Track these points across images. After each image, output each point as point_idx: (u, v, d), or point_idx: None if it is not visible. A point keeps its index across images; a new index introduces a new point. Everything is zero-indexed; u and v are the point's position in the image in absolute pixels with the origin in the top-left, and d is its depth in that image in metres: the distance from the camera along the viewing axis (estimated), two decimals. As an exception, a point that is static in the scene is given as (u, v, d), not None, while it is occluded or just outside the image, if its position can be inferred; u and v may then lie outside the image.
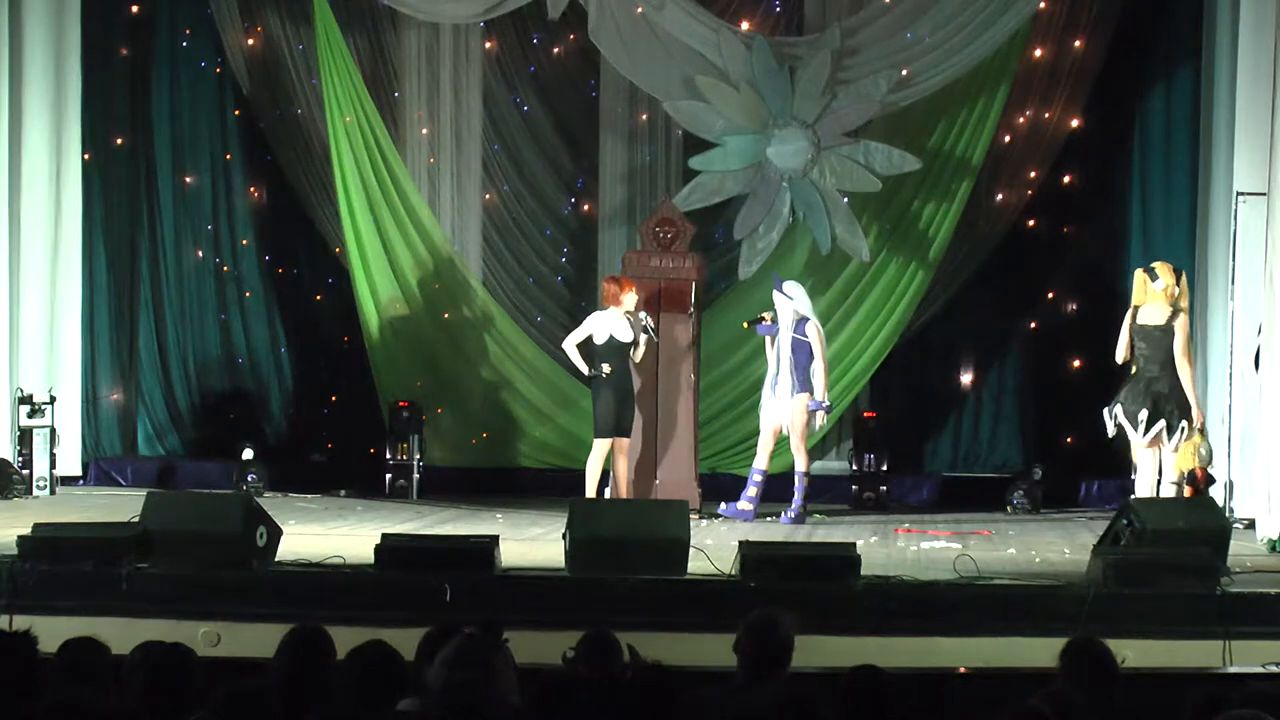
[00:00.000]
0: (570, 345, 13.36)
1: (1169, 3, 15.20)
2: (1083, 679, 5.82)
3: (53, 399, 14.72)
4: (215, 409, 16.41)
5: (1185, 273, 12.26)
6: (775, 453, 13.60)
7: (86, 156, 15.54)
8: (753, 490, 13.41)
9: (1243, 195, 12.78)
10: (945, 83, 14.62)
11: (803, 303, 13.36)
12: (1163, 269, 11.80)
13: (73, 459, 15.30)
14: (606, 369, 13.12)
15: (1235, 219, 12.86)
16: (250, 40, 15.96)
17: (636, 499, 13.05)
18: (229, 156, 16.41)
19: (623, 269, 13.90)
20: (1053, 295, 15.66)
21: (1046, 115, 15.14)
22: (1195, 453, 12.60)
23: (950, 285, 15.40)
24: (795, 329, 13.25)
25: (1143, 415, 11.54)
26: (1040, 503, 14.39)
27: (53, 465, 14.65)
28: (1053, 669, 5.99)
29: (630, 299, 13.24)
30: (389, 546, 10.15)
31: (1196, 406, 11.73)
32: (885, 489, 14.73)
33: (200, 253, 16.43)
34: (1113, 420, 11.73)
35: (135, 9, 16.20)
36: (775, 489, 13.53)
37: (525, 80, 15.83)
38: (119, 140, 16.14)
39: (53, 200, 15.12)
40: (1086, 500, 14.90)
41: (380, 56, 15.83)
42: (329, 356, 16.31)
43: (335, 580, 9.95)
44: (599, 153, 15.77)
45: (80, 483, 15.42)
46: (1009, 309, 15.71)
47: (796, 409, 13.24)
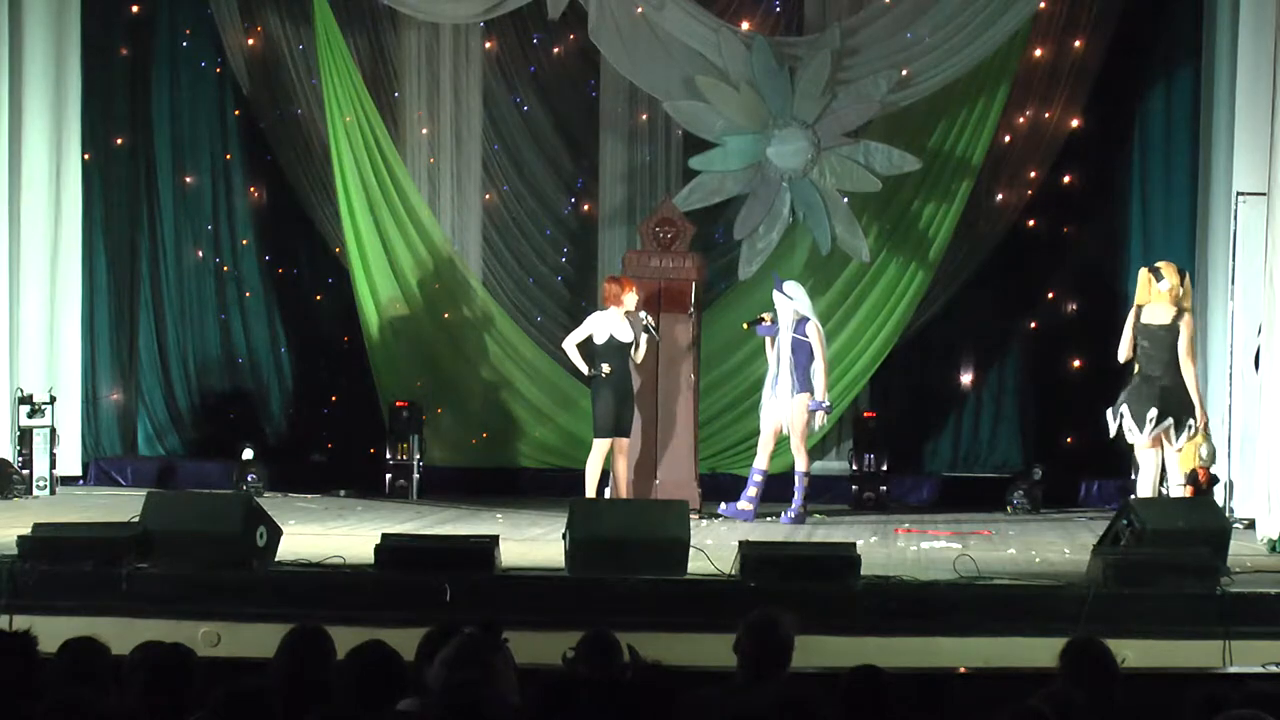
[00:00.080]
0: (570, 345, 13.36)
1: (1169, 3, 15.20)
2: (1083, 679, 5.82)
3: (53, 399, 14.72)
4: (215, 409, 16.41)
5: (1188, 273, 12.27)
6: (775, 453, 13.59)
7: (86, 156, 15.53)
8: (753, 490, 13.40)
9: (1243, 195, 12.78)
10: (945, 83, 14.62)
11: (803, 303, 13.36)
12: (1168, 269, 11.77)
13: (73, 459, 15.30)
14: (606, 369, 13.11)
15: (1235, 219, 12.86)
16: (250, 40, 15.95)
17: (636, 499, 13.05)
18: (229, 156, 16.41)
19: (623, 269, 13.89)
20: (1053, 295, 15.66)
21: (1046, 115, 15.14)
22: (1196, 453, 12.60)
23: (950, 285, 15.40)
24: (795, 329, 13.25)
25: (1151, 414, 11.51)
26: (1040, 503, 14.39)
27: (53, 465, 14.65)
28: (1053, 669, 6.00)
29: (631, 299, 13.23)
30: (389, 546, 10.14)
31: (1201, 406, 11.73)
32: (885, 489, 14.72)
33: (200, 253, 16.43)
34: (1117, 420, 11.71)
35: (135, 9, 16.20)
36: (775, 489, 13.53)
37: (525, 80, 15.83)
38: (119, 140, 16.14)
39: (53, 200, 15.12)
40: (1086, 500, 14.90)
41: (380, 56, 15.83)
42: (329, 356, 16.31)
43: (335, 580, 9.95)
44: (599, 153, 15.77)
45: (80, 483, 15.42)
46: (1009, 309, 15.71)
47: (797, 409, 13.23)
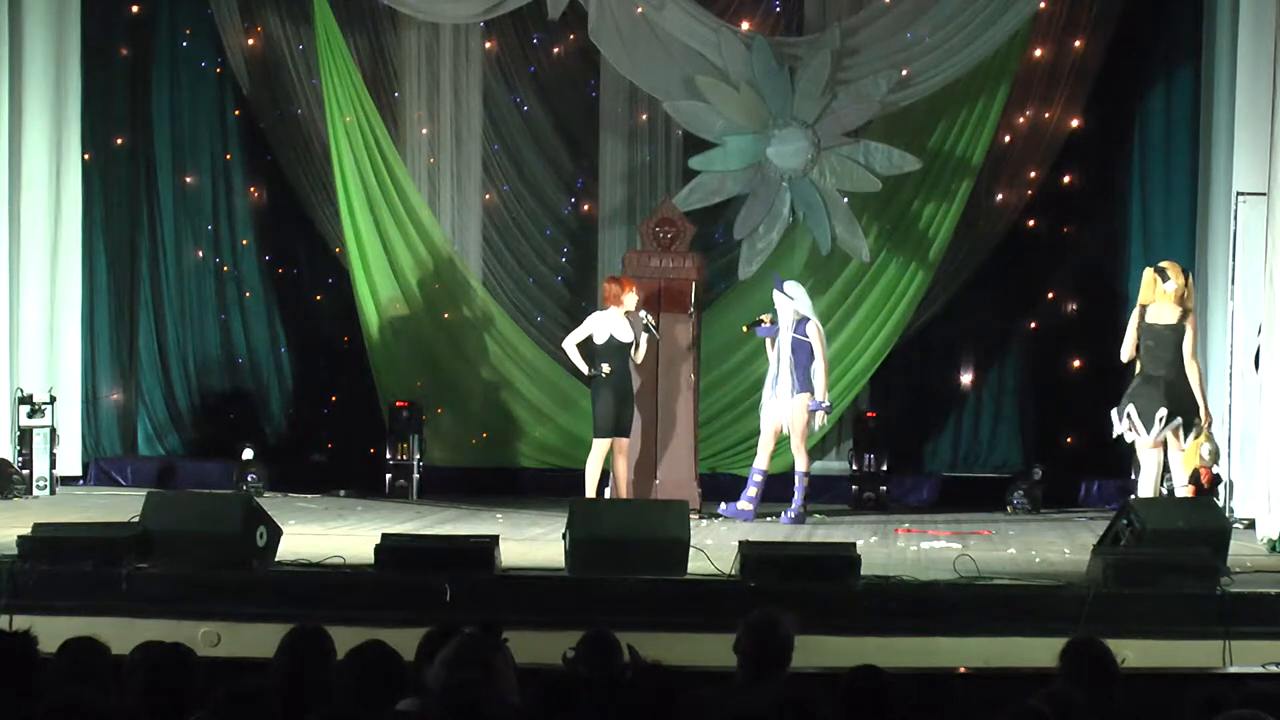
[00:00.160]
0: (570, 345, 13.36)
1: (1169, 3, 15.20)
2: (1083, 679, 5.82)
3: (53, 399, 14.72)
4: (215, 409, 16.41)
5: (1190, 273, 12.27)
6: (775, 453, 13.59)
7: (86, 156, 15.53)
8: (753, 490, 13.40)
9: (1243, 195, 12.78)
10: (945, 83, 14.62)
11: (803, 303, 13.35)
12: (1173, 269, 11.76)
13: (73, 459, 15.30)
14: (606, 369, 13.11)
15: (1235, 219, 12.86)
16: (250, 40, 15.95)
17: (636, 499, 13.04)
18: (229, 156, 16.41)
19: (623, 269, 13.89)
20: (1053, 295, 15.66)
21: (1046, 115, 15.14)
22: (1198, 452, 12.60)
23: (950, 285, 15.40)
24: (795, 329, 13.25)
25: (1161, 413, 11.49)
26: (1040, 503, 14.39)
27: (53, 465, 14.65)
28: (1053, 669, 6.00)
29: (631, 299, 13.23)
30: (389, 546, 10.14)
31: (1205, 405, 11.73)
32: (885, 489, 14.72)
33: (200, 253, 16.43)
34: (1123, 420, 11.68)
35: (135, 9, 16.20)
36: (775, 489, 13.52)
37: (525, 80, 15.83)
38: (119, 140, 16.14)
39: (53, 200, 15.12)
40: (1086, 500, 14.90)
41: (380, 56, 15.83)
42: (329, 356, 16.31)
43: (335, 580, 9.95)
44: (599, 153, 15.77)
45: (80, 483, 15.42)
46: (1009, 309, 15.71)
47: (797, 409, 13.23)
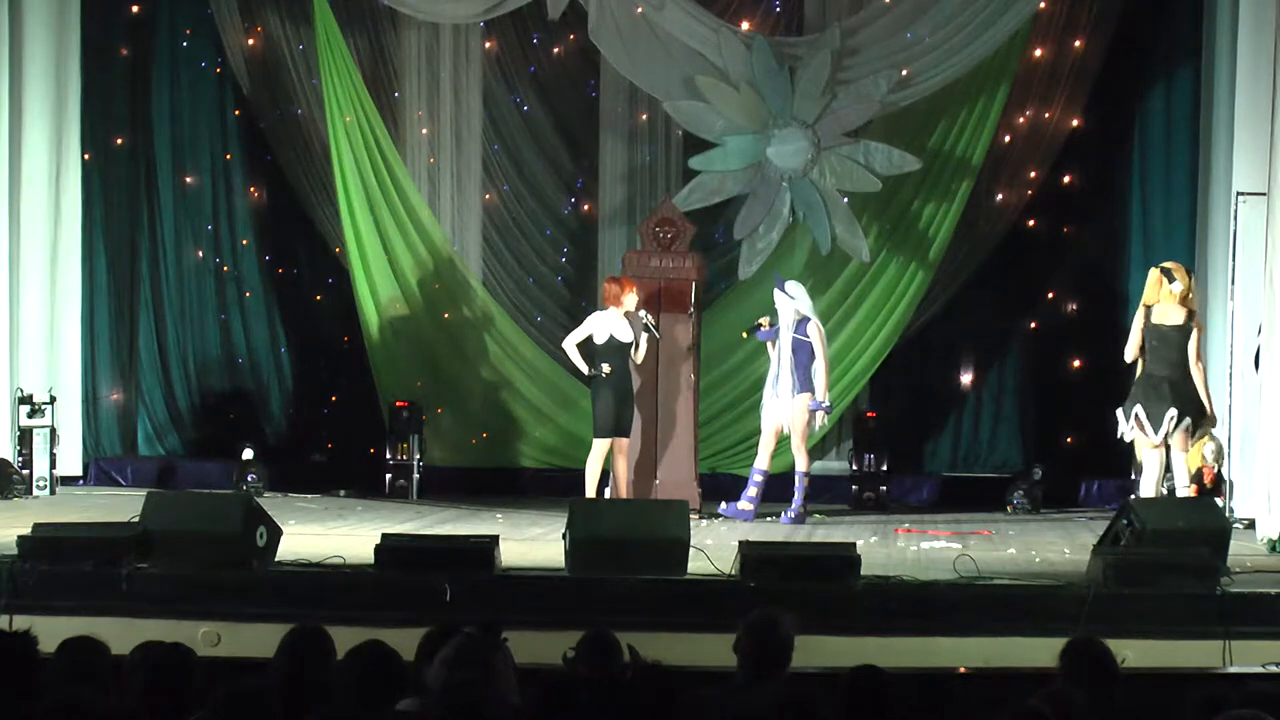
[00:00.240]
0: (570, 345, 13.35)
1: (1169, 3, 15.20)
2: (1083, 679, 5.82)
3: (53, 399, 14.72)
4: (215, 409, 16.41)
5: (1193, 274, 12.27)
6: (775, 453, 13.59)
7: (86, 156, 15.53)
8: (753, 490, 13.40)
9: (1243, 195, 12.77)
10: (945, 83, 14.61)
11: (804, 302, 13.35)
12: (1179, 271, 11.76)
13: (73, 459, 15.30)
14: (606, 369, 13.11)
15: (1235, 219, 12.85)
16: (250, 40, 15.95)
17: (636, 499, 13.04)
18: (229, 156, 16.41)
19: (623, 269, 13.89)
20: (1053, 295, 15.66)
21: (1046, 115, 15.14)
22: (1201, 452, 12.60)
23: (950, 285, 15.40)
24: (796, 329, 13.25)
25: (1171, 414, 11.49)
26: (1040, 503, 14.38)
27: (53, 465, 14.64)
28: (1053, 669, 6.00)
29: (631, 299, 13.23)
30: (389, 546, 10.14)
31: (1211, 405, 11.74)
32: (885, 489, 14.72)
33: (200, 253, 16.43)
34: (1132, 420, 11.65)
35: (135, 9, 16.19)
36: (775, 489, 13.52)
37: (525, 80, 15.83)
38: (119, 140, 16.14)
39: (53, 200, 15.12)
40: (1086, 500, 14.90)
41: (380, 56, 15.83)
42: (329, 356, 16.31)
43: (335, 580, 9.94)
44: (599, 153, 15.77)
45: (80, 483, 15.42)
46: (1009, 309, 15.71)
47: (798, 409, 13.23)
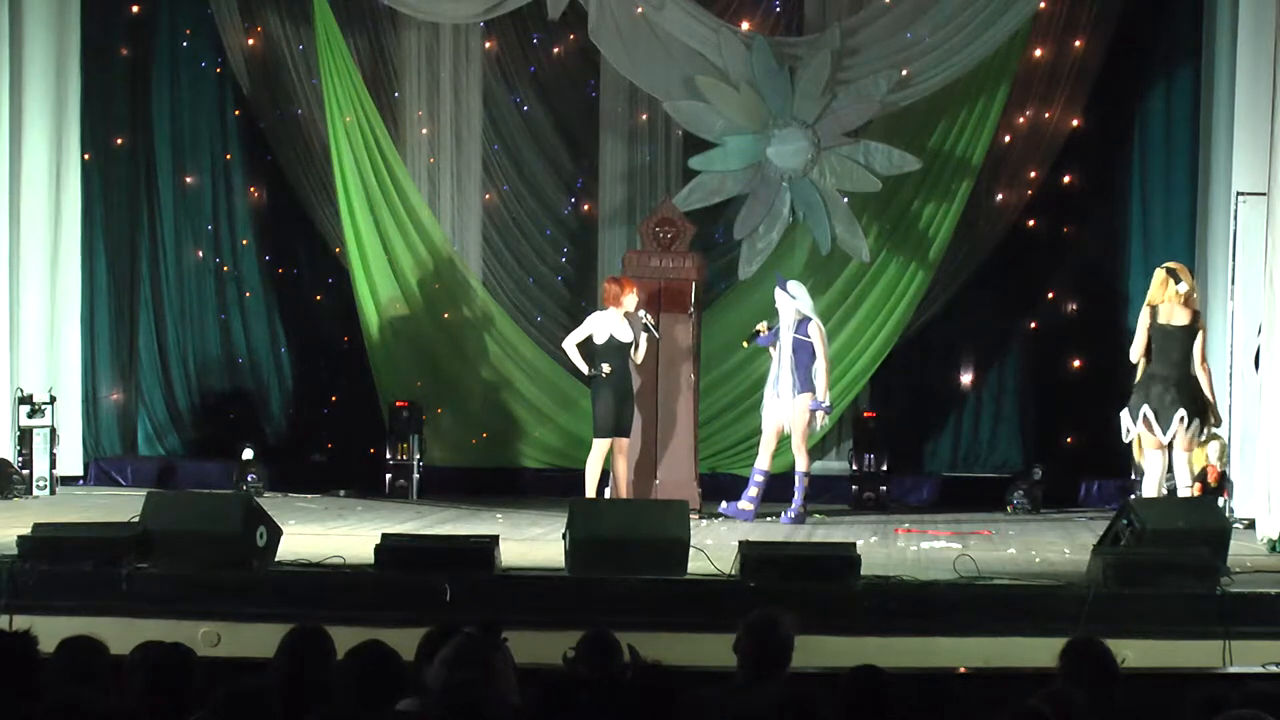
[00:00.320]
0: (570, 345, 13.35)
1: (1169, 3, 15.20)
2: (1083, 679, 5.82)
3: (53, 399, 14.72)
4: (215, 409, 16.41)
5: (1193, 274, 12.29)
6: (776, 452, 13.59)
7: (86, 156, 15.54)
8: (754, 490, 13.40)
9: (1243, 195, 12.78)
10: (945, 83, 14.61)
11: (805, 302, 13.36)
12: (1184, 272, 11.75)
13: (73, 459, 15.30)
14: (606, 369, 13.11)
15: (1235, 219, 12.86)
16: (250, 40, 15.95)
17: (636, 499, 13.05)
18: (229, 156, 16.40)
19: (623, 269, 13.89)
20: (1053, 295, 15.65)
21: (1046, 115, 15.13)
22: (1205, 451, 12.60)
23: (950, 285, 15.40)
24: (797, 329, 13.25)
25: (1180, 414, 11.47)
26: (1040, 503, 14.38)
27: (53, 465, 14.64)
28: (1053, 669, 6.00)
29: (631, 300, 13.23)
30: (389, 546, 10.14)
31: (1215, 404, 11.75)
32: (885, 489, 14.72)
33: (200, 253, 16.43)
34: (1139, 420, 11.63)
35: (135, 9, 16.19)
36: (775, 489, 13.52)
37: (525, 80, 15.83)
38: (119, 140, 16.14)
39: (53, 200, 15.12)
40: (1086, 500, 14.90)
41: (380, 56, 15.83)
42: (329, 356, 16.30)
43: (335, 580, 9.95)
44: (599, 153, 15.76)
45: (80, 483, 15.42)
46: (1009, 309, 15.70)
47: (798, 409, 13.23)
